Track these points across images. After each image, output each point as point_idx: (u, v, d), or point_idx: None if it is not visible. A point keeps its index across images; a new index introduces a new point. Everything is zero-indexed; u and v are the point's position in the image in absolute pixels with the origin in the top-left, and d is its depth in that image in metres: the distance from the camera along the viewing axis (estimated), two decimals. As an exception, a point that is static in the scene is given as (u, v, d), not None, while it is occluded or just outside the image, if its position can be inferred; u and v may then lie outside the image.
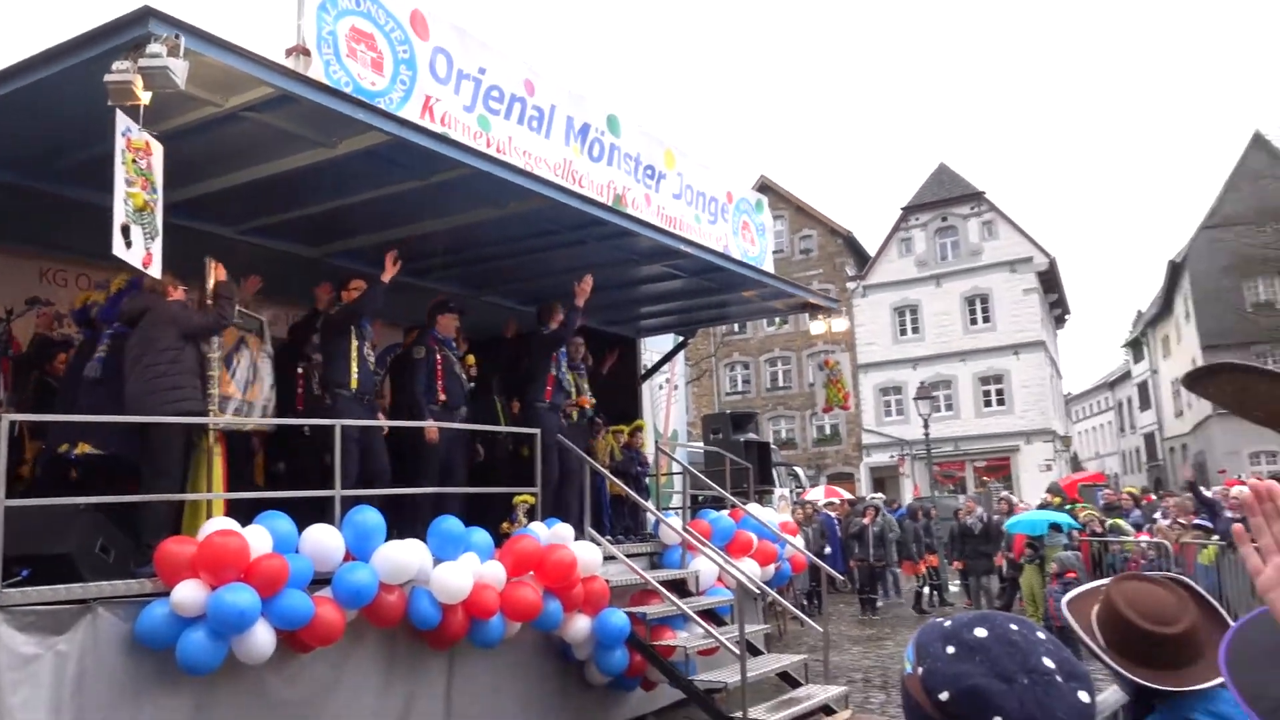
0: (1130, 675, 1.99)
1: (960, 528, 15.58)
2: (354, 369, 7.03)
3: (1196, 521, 12.50)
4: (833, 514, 18.54)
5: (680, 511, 9.91)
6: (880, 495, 21.62)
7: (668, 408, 12.94)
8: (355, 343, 7.11)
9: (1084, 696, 1.21)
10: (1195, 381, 0.85)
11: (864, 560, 16.21)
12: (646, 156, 9.62)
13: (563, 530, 7.26)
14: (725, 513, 9.63)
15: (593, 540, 7.74)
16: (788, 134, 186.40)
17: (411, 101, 6.98)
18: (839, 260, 38.33)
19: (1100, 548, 13.40)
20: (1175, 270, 38.61)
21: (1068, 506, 15.25)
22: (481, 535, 6.72)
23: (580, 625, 7.17)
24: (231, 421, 6.33)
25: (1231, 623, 1.71)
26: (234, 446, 6.64)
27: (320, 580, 5.77)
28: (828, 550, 16.97)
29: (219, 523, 5.42)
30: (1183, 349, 38.78)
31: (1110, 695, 2.71)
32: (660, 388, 12.76)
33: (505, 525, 7.62)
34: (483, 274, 9.56)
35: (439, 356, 7.83)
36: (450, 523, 6.53)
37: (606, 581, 7.33)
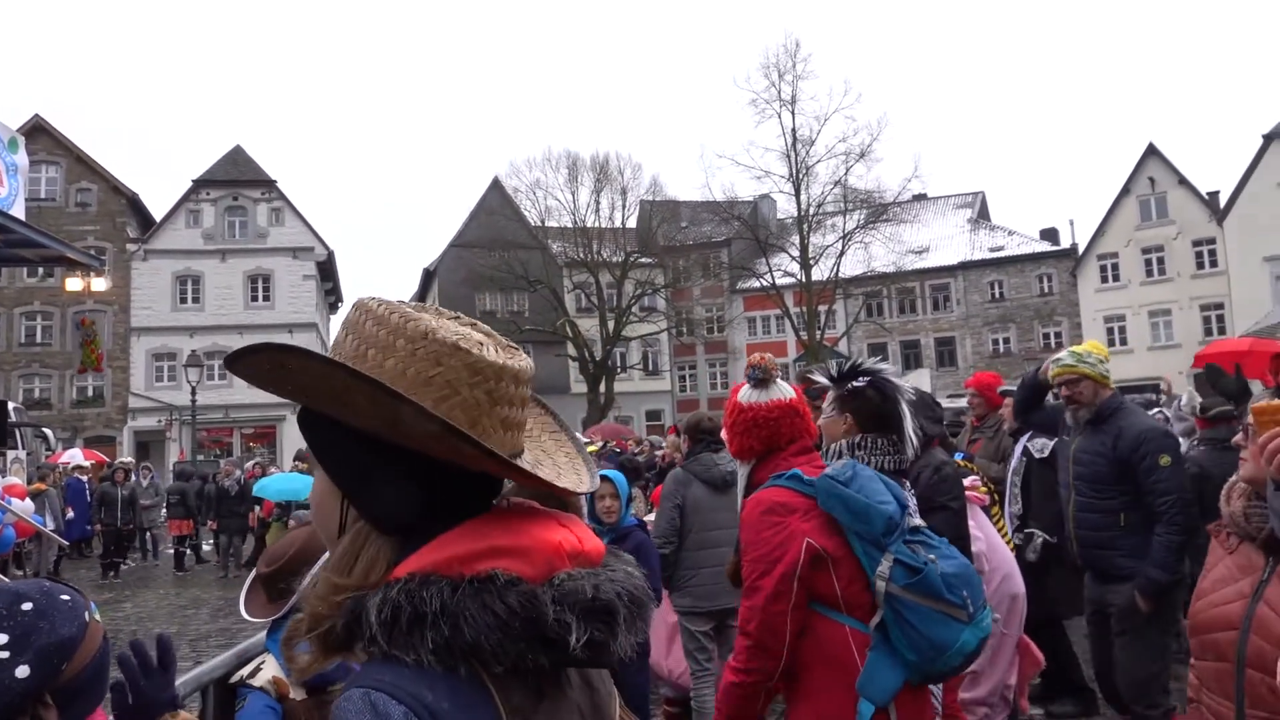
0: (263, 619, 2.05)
1: (217, 489, 14.95)
2: None
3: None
4: (84, 477, 16.53)
5: None
6: (130, 460, 19.66)
7: None
8: None
9: (22, 671, 1.07)
10: (233, 362, 0.81)
11: (110, 524, 14.55)
12: None
13: None
14: (-71, 478, 7.74)
15: None
16: (69, 83, 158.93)
17: None
18: (120, 220, 33.82)
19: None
20: (429, 277, 42.47)
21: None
22: None
23: None
24: None
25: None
26: None
27: None
28: (72, 515, 15.00)
29: None
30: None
31: (210, 664, 2.48)
32: None
33: None
34: None
35: None
36: None
37: None
